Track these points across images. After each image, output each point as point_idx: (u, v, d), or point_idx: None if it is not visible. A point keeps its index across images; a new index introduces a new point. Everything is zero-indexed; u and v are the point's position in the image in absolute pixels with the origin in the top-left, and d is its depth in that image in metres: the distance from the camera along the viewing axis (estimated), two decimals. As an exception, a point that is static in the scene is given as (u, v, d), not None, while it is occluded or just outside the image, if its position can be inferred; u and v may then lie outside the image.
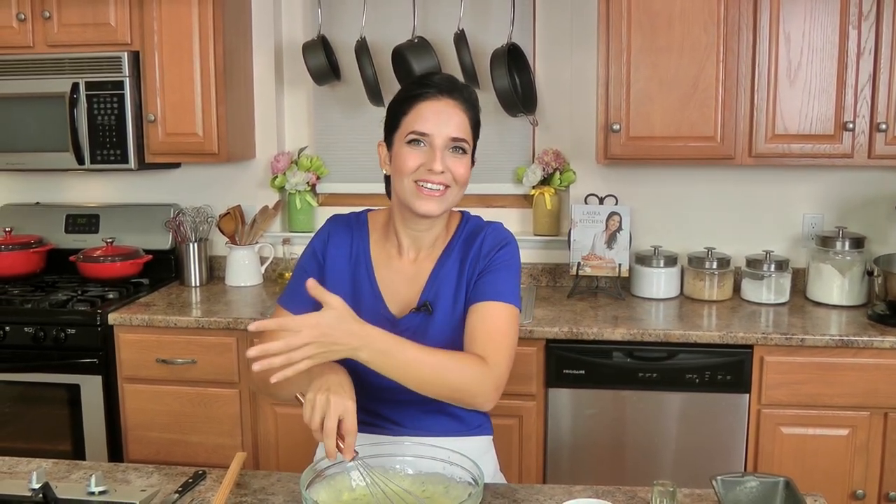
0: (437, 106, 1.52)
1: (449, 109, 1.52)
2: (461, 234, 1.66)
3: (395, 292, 1.63)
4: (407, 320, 1.60)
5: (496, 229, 1.65)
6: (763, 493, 1.50)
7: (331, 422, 1.34)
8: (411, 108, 1.53)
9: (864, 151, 2.75)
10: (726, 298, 3.03)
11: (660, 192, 3.21)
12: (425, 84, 1.55)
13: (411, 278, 1.63)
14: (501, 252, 1.60)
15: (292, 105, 3.44)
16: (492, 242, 1.62)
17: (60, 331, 2.83)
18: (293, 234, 3.39)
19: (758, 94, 2.78)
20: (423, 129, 1.51)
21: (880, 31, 2.69)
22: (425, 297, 1.61)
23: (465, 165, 1.55)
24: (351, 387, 1.40)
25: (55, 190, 3.52)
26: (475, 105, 1.59)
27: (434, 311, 1.60)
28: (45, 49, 3.05)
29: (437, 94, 1.53)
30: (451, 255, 1.63)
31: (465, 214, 1.70)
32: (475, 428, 1.70)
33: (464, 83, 1.60)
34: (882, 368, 2.55)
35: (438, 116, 1.51)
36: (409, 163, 1.53)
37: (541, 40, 3.24)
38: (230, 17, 3.08)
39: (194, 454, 2.87)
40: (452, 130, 1.52)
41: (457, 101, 1.54)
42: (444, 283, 1.61)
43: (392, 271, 1.64)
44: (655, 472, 2.68)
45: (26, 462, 1.75)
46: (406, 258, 1.64)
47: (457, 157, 1.54)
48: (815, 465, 2.60)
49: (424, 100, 1.53)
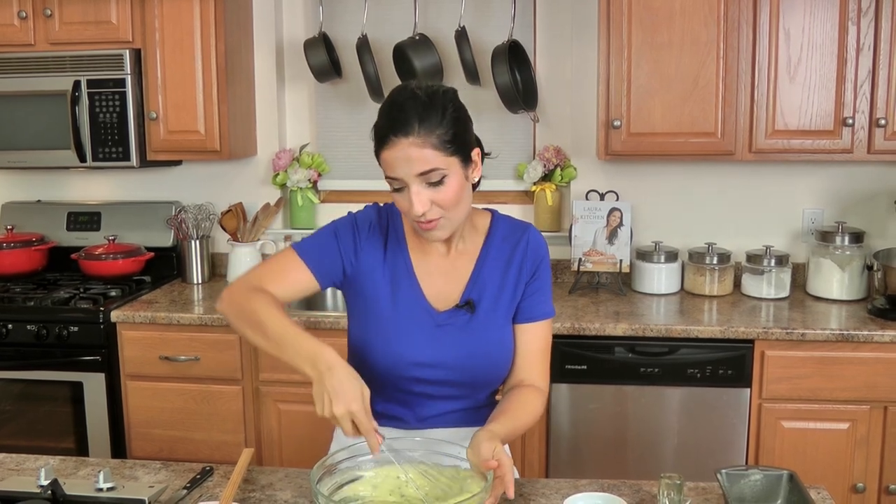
0: (393, 152, 1.46)
1: (405, 151, 1.45)
2: (496, 232, 1.68)
3: (433, 286, 1.64)
4: (448, 316, 1.62)
5: (536, 237, 1.69)
6: (767, 486, 1.52)
7: (363, 420, 1.37)
8: (380, 155, 1.50)
9: (863, 147, 2.77)
10: (727, 293, 3.04)
11: (660, 187, 3.22)
12: (382, 126, 1.49)
13: (449, 273, 1.65)
14: (544, 264, 1.68)
15: (293, 102, 3.44)
16: (535, 253, 1.67)
17: (63, 328, 2.84)
18: (295, 230, 3.40)
19: (758, 90, 2.79)
20: (393, 175, 1.48)
21: (879, 27, 2.70)
22: (468, 295, 1.63)
23: (449, 191, 1.49)
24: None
25: (56, 188, 3.53)
26: (440, 120, 1.47)
27: (476, 309, 1.62)
28: (47, 47, 3.05)
29: (392, 138, 1.46)
30: (490, 254, 1.66)
31: (494, 213, 1.72)
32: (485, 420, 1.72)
33: (427, 96, 1.49)
34: (882, 362, 2.57)
35: (398, 162, 1.47)
36: (401, 206, 1.54)
37: (541, 36, 3.25)
38: (231, 14, 3.08)
39: (197, 451, 2.88)
40: (416, 168, 1.46)
41: (412, 136, 1.45)
42: (486, 284, 1.64)
43: (430, 264, 1.65)
44: (657, 466, 2.70)
45: (34, 459, 1.76)
46: (438, 249, 1.66)
47: (435, 187, 1.48)
48: (815, 458, 2.61)
49: (384, 147, 1.48)
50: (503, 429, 1.45)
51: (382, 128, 1.49)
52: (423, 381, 1.61)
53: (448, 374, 1.61)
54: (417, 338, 1.60)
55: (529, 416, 1.59)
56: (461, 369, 1.61)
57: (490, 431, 1.40)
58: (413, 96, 1.49)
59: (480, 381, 1.65)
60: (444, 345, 1.60)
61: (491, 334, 1.62)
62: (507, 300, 1.64)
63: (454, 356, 1.60)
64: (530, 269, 1.66)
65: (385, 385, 1.62)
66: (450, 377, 1.61)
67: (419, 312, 1.61)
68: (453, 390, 1.63)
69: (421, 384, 1.61)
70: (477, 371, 1.63)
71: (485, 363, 1.63)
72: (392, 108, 1.49)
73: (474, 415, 1.67)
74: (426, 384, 1.61)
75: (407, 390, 1.63)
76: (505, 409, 1.55)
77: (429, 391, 1.62)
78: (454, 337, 1.60)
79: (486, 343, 1.62)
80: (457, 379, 1.62)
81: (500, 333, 1.64)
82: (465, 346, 1.60)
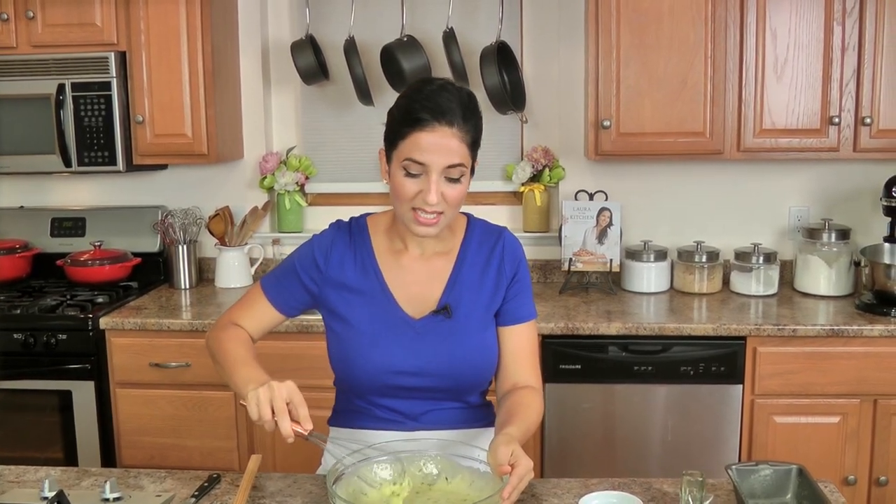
0: (433, 137, 1.47)
1: (446, 140, 1.48)
2: (472, 235, 1.69)
3: (408, 293, 1.64)
4: (425, 322, 1.62)
5: (511, 240, 1.71)
6: (776, 480, 1.54)
7: (279, 402, 1.38)
8: (408, 135, 1.49)
9: (849, 145, 2.81)
10: (716, 291, 3.07)
11: (648, 187, 3.25)
12: (425, 108, 1.49)
13: (424, 279, 1.65)
14: (523, 265, 1.70)
15: (279, 105, 3.42)
16: (512, 255, 1.69)
17: (51, 336, 2.79)
18: (282, 234, 3.38)
19: (746, 90, 2.82)
20: (420, 160, 1.48)
21: (864, 27, 2.74)
22: (446, 297, 1.63)
23: (461, 189, 1.52)
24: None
25: (39, 193, 3.47)
26: (475, 122, 1.54)
27: (453, 314, 1.62)
28: (30, 50, 2.99)
29: (435, 124, 1.47)
30: (468, 255, 1.67)
31: (470, 216, 1.73)
32: (484, 419, 1.74)
33: (466, 95, 1.54)
34: (871, 356, 2.61)
35: (435, 147, 1.47)
36: (406, 191, 1.51)
37: (528, 38, 3.26)
38: (217, 17, 3.05)
39: (189, 458, 2.85)
40: (448, 159, 1.48)
41: (455, 127, 1.48)
42: (465, 285, 1.64)
43: (402, 272, 1.65)
44: (652, 463, 2.72)
45: (34, 471, 1.73)
46: (412, 255, 1.66)
47: (452, 183, 1.51)
48: (807, 452, 2.64)
49: (421, 129, 1.47)
50: (518, 431, 1.45)
51: (423, 110, 1.48)
52: (408, 389, 1.62)
53: (432, 381, 1.62)
54: (396, 349, 1.60)
55: (536, 416, 1.60)
56: (444, 376, 1.62)
57: (507, 435, 1.40)
58: (456, 91, 1.53)
59: (466, 385, 1.66)
60: (425, 353, 1.60)
61: (471, 338, 1.63)
62: (486, 303, 1.65)
63: (436, 363, 1.60)
64: (510, 272, 1.67)
65: (371, 392, 1.63)
66: (434, 384, 1.62)
67: (396, 322, 1.61)
68: (439, 394, 1.64)
69: (406, 391, 1.62)
70: (460, 376, 1.63)
71: (467, 367, 1.63)
72: (436, 95, 1.50)
73: (468, 414, 1.68)
74: (411, 391, 1.62)
75: (392, 396, 1.63)
76: (513, 411, 1.55)
77: (415, 396, 1.63)
78: (434, 345, 1.61)
79: (467, 348, 1.62)
80: (441, 385, 1.63)
81: (481, 336, 1.64)
82: (446, 352, 1.61)
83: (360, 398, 1.66)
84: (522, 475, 1.33)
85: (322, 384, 2.45)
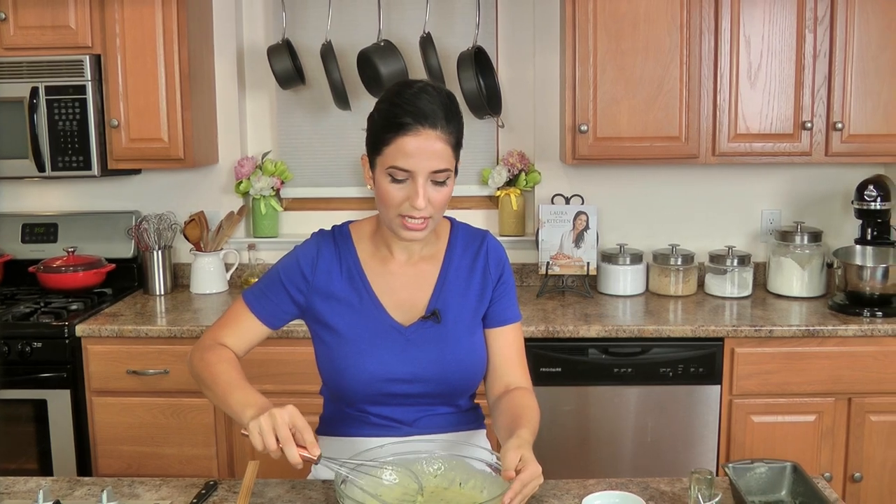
0: (417, 141, 1.46)
1: (430, 143, 1.47)
2: (456, 240, 1.69)
3: (396, 299, 1.64)
4: (415, 328, 1.62)
5: (495, 243, 1.73)
6: (771, 477, 1.57)
7: (283, 430, 1.36)
8: (392, 141, 1.47)
9: (821, 149, 2.88)
10: (691, 293, 3.12)
11: (623, 191, 3.29)
12: (407, 112, 1.47)
13: (411, 284, 1.65)
14: (507, 269, 1.72)
15: (254, 109, 3.40)
16: (497, 258, 1.71)
17: (26, 344, 2.73)
18: (258, 239, 3.35)
19: (720, 95, 2.87)
20: (405, 166, 1.47)
21: (834, 35, 2.81)
22: (434, 302, 1.64)
23: (446, 192, 1.52)
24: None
25: (10, 198, 3.38)
26: (457, 123, 1.53)
27: (442, 319, 1.62)
28: (2, 52, 2.93)
29: (418, 128, 1.46)
30: (454, 259, 1.67)
31: (453, 220, 1.74)
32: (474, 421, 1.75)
33: (446, 96, 1.53)
34: (846, 356, 2.67)
35: (419, 152, 1.46)
36: (393, 198, 1.50)
37: (504, 42, 3.28)
38: (193, 20, 3.02)
39: (168, 466, 2.81)
40: (434, 164, 1.48)
41: (438, 129, 1.47)
42: (451, 292, 1.65)
43: (389, 278, 1.65)
44: (633, 463, 2.75)
45: (23, 482, 1.69)
46: (398, 260, 1.66)
47: (438, 186, 1.51)
48: (784, 451, 2.70)
49: (405, 134, 1.46)
50: (528, 433, 1.46)
51: (406, 114, 1.47)
52: (401, 396, 1.62)
53: (424, 387, 1.62)
54: (389, 357, 1.60)
55: (537, 416, 1.61)
56: (436, 381, 1.62)
57: (520, 438, 1.41)
58: (436, 93, 1.51)
59: (457, 389, 1.67)
60: (417, 359, 1.61)
61: (461, 342, 1.64)
62: (473, 306, 1.66)
63: (427, 369, 1.61)
64: (496, 274, 1.69)
65: (364, 401, 1.63)
66: (426, 389, 1.63)
67: (386, 330, 1.61)
68: (431, 400, 1.65)
69: (398, 398, 1.62)
70: (452, 380, 1.64)
71: (459, 372, 1.64)
72: (417, 99, 1.48)
73: (460, 417, 1.69)
74: (404, 398, 1.62)
75: (385, 403, 1.63)
76: (518, 413, 1.56)
77: (407, 402, 1.63)
78: (426, 351, 1.61)
79: (457, 352, 1.63)
80: (433, 390, 1.63)
81: (470, 340, 1.65)
82: (437, 358, 1.61)
83: (351, 406, 1.65)
84: (526, 481, 1.33)
85: (303, 389, 2.44)
